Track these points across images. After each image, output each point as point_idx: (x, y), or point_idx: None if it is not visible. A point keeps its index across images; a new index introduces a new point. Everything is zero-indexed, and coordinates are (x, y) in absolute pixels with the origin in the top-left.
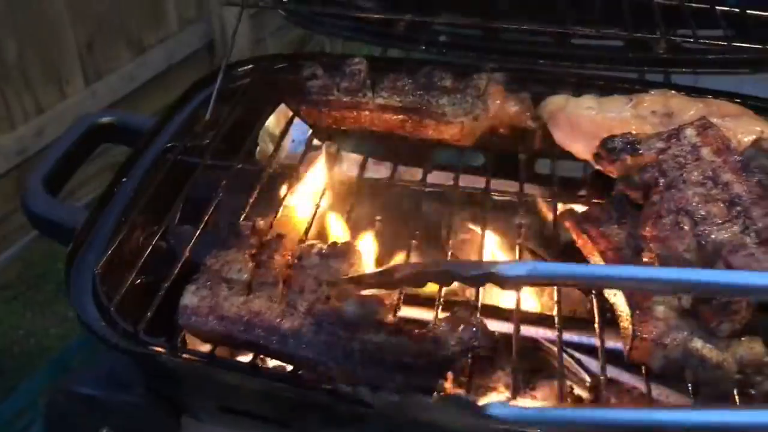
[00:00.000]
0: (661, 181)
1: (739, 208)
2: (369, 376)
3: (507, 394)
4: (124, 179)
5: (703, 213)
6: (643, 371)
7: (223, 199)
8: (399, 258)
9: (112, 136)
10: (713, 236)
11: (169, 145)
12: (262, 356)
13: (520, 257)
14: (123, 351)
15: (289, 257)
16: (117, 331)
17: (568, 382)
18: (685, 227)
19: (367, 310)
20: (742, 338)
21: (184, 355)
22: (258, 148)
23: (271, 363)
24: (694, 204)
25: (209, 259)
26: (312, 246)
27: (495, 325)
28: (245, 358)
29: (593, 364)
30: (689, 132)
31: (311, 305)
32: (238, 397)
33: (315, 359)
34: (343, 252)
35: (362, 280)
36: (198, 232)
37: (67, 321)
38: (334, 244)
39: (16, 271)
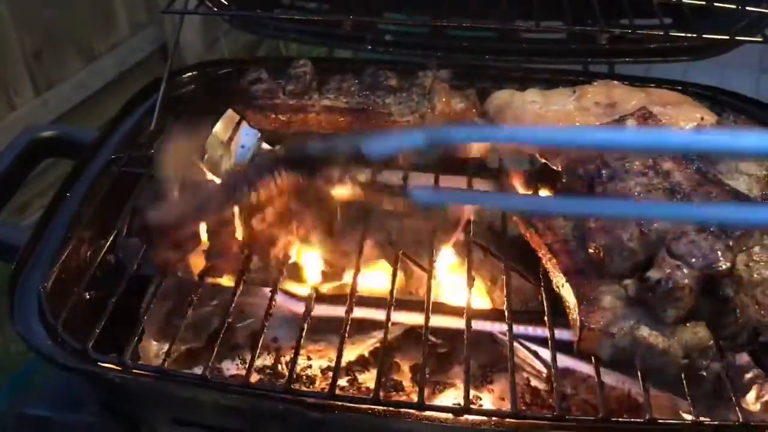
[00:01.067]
0: (604, 172)
1: (679, 196)
2: None
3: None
4: (68, 193)
5: (644, 202)
6: (593, 360)
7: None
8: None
9: (55, 151)
10: (655, 225)
11: (113, 156)
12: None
13: (469, 253)
14: (72, 370)
15: None
16: (65, 349)
17: (525, 374)
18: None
19: None
20: (687, 324)
21: (135, 371)
22: (206, 156)
23: (227, 371)
24: (636, 194)
25: None
26: None
27: (445, 321)
28: (199, 369)
29: (549, 356)
30: (630, 122)
31: None
32: (193, 410)
33: None
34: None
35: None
36: (146, 245)
37: None
38: None
39: None
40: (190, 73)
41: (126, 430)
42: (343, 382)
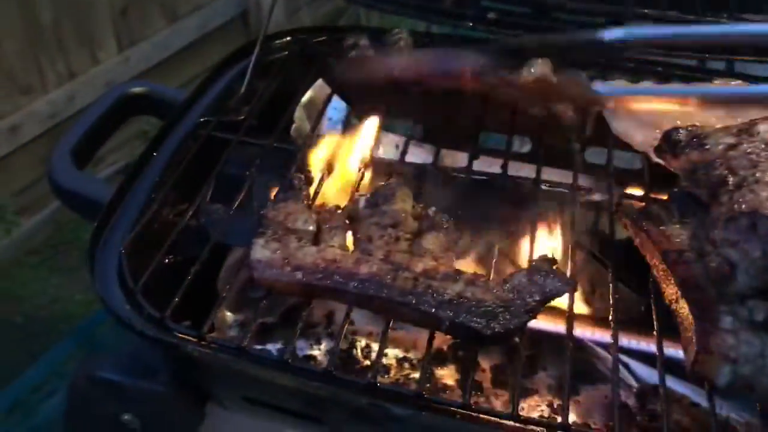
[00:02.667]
0: (731, 179)
1: None
2: (448, 320)
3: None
4: (154, 153)
5: None
6: (706, 385)
7: (256, 178)
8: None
9: (144, 108)
10: None
11: (202, 119)
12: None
13: (572, 256)
14: (149, 339)
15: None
16: (143, 316)
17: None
18: (761, 231)
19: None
20: None
21: (213, 345)
22: (294, 126)
23: (300, 351)
24: None
25: (269, 211)
26: (357, 198)
27: (542, 324)
28: (274, 346)
29: (642, 371)
30: (763, 127)
31: (386, 252)
32: (267, 391)
33: (395, 301)
34: (390, 193)
35: None
36: (230, 212)
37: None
38: (378, 189)
39: (44, 236)
40: (284, 39)
41: (193, 403)
42: (417, 375)
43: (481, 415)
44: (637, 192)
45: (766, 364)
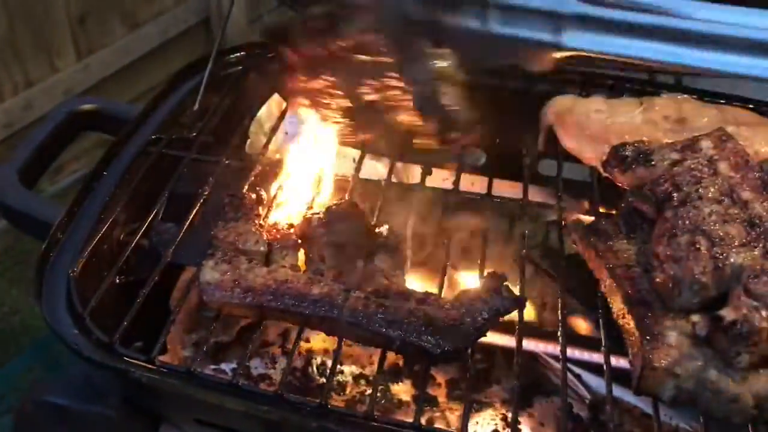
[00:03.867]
0: (675, 195)
1: (759, 230)
2: (399, 339)
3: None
4: (104, 172)
5: (720, 234)
6: (651, 399)
7: (209, 196)
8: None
9: (94, 125)
10: (732, 259)
11: (153, 136)
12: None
13: (522, 269)
14: (97, 364)
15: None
16: (91, 341)
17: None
18: (702, 248)
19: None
20: (761, 371)
21: (162, 369)
22: (249, 141)
23: (255, 370)
24: (711, 223)
25: (219, 231)
26: (310, 217)
27: (494, 338)
28: (228, 365)
29: (594, 382)
30: (705, 144)
31: (338, 271)
32: (219, 414)
33: (346, 321)
34: (346, 213)
35: None
36: (182, 231)
37: None
38: (332, 208)
39: (3, 246)
40: (238, 53)
41: (145, 427)
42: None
43: None
44: (586, 206)
45: (707, 378)
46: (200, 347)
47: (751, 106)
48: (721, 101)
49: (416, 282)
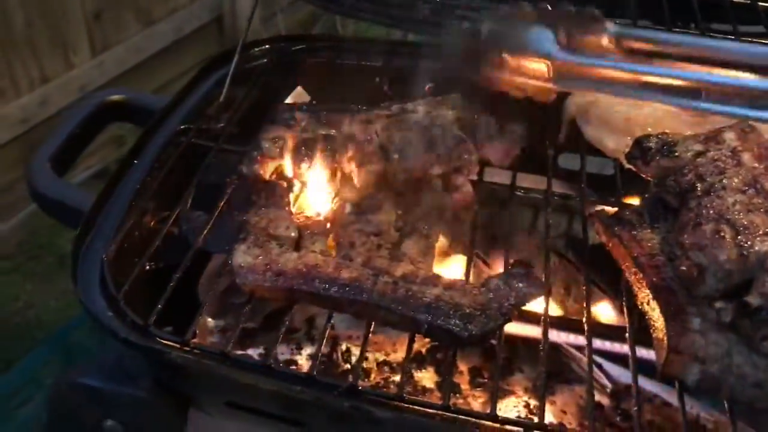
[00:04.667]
0: (699, 186)
1: None
2: (427, 323)
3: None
4: (135, 161)
5: (744, 222)
6: (676, 384)
7: (236, 186)
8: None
9: (122, 115)
10: (756, 247)
11: (182, 127)
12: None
13: (547, 260)
14: (133, 346)
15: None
16: (126, 323)
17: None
18: (726, 236)
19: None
20: None
21: (196, 351)
22: None
23: (281, 356)
24: (735, 212)
25: (251, 217)
26: (343, 205)
27: (519, 328)
28: (255, 351)
29: (615, 371)
30: (729, 135)
31: (367, 258)
32: (250, 395)
33: (375, 304)
34: (376, 205)
35: None
36: (212, 219)
37: (68, 294)
38: (364, 200)
39: (17, 241)
40: (263, 47)
41: (175, 408)
42: (397, 378)
43: (461, 417)
44: (610, 198)
45: (732, 363)
46: (228, 333)
47: None
48: None
49: (444, 269)
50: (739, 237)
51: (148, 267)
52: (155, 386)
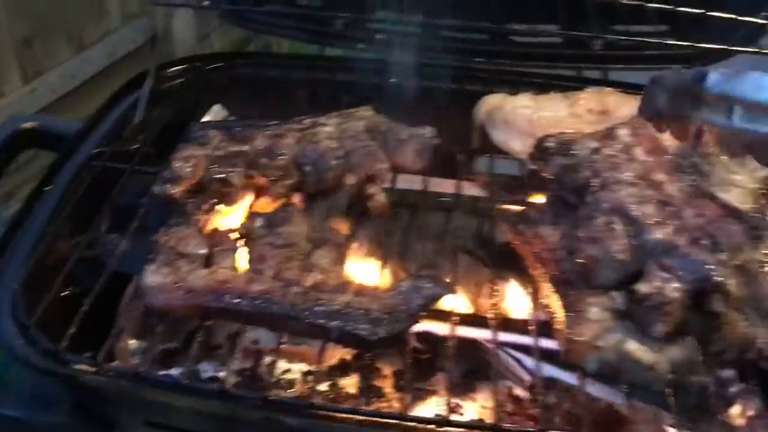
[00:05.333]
0: (594, 181)
1: (671, 209)
2: (337, 329)
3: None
4: (47, 187)
5: (636, 213)
6: (579, 372)
7: (152, 206)
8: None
9: (37, 142)
10: (646, 237)
11: (96, 150)
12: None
13: (455, 258)
14: (44, 372)
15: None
16: (37, 350)
17: (508, 383)
18: (618, 228)
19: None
20: (675, 339)
21: (110, 373)
22: None
23: (204, 373)
24: (626, 204)
25: (160, 237)
26: (253, 218)
27: (434, 327)
28: (176, 371)
29: (533, 365)
30: (622, 132)
31: (277, 270)
32: (167, 413)
33: (286, 315)
34: (287, 218)
35: None
36: (126, 241)
37: None
38: (274, 214)
39: None
40: (178, 67)
41: None
42: (323, 387)
43: (373, 419)
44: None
45: (627, 349)
46: (148, 354)
47: None
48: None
49: (356, 276)
50: (630, 228)
51: (63, 293)
52: (76, 411)
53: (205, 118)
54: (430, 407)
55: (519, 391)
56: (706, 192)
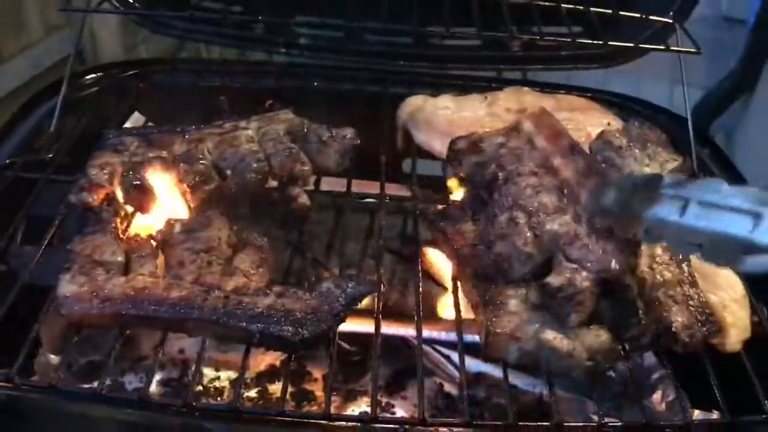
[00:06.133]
0: (500, 175)
1: (567, 193)
2: (258, 332)
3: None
4: None
5: (536, 204)
6: (501, 363)
7: (68, 216)
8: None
9: None
10: (548, 227)
11: (8, 161)
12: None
13: (379, 258)
14: None
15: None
16: None
17: (438, 380)
18: (521, 222)
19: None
20: (590, 327)
21: (23, 386)
22: None
23: (129, 385)
24: (526, 197)
25: (76, 245)
26: (172, 225)
27: (360, 327)
28: (88, 385)
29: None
30: (527, 124)
31: (197, 275)
32: (87, 427)
33: (207, 320)
34: (206, 222)
35: None
36: (40, 252)
37: None
38: (193, 218)
39: None
40: (94, 75)
41: None
42: (252, 393)
43: (296, 420)
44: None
45: (545, 338)
46: (71, 368)
47: (588, 95)
48: (561, 91)
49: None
50: (531, 219)
51: None
52: None
53: (126, 126)
54: (362, 408)
55: (449, 388)
56: (599, 170)
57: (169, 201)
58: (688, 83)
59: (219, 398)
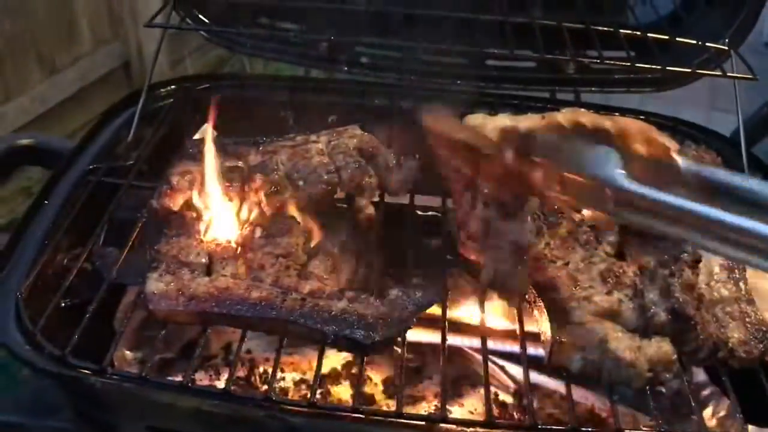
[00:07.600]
0: None
1: None
2: (333, 333)
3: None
4: (45, 201)
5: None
6: (564, 374)
7: (147, 220)
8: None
9: (31, 159)
10: None
11: (91, 167)
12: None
13: (443, 270)
14: (51, 375)
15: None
16: (44, 355)
17: (493, 389)
18: None
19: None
20: (653, 339)
21: (115, 376)
22: None
23: (200, 382)
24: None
25: (162, 246)
26: (252, 230)
27: (422, 336)
28: (174, 379)
29: (516, 371)
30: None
31: (276, 278)
32: (169, 417)
33: (284, 320)
34: (285, 229)
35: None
36: (123, 253)
37: None
38: (272, 225)
39: None
40: (169, 87)
41: None
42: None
43: (369, 416)
44: None
45: (608, 349)
46: (146, 363)
47: (642, 117)
48: (615, 113)
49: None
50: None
51: (64, 303)
52: (77, 417)
53: (196, 137)
54: (419, 411)
55: (504, 397)
56: None
57: (245, 207)
58: (726, 109)
59: (285, 398)
